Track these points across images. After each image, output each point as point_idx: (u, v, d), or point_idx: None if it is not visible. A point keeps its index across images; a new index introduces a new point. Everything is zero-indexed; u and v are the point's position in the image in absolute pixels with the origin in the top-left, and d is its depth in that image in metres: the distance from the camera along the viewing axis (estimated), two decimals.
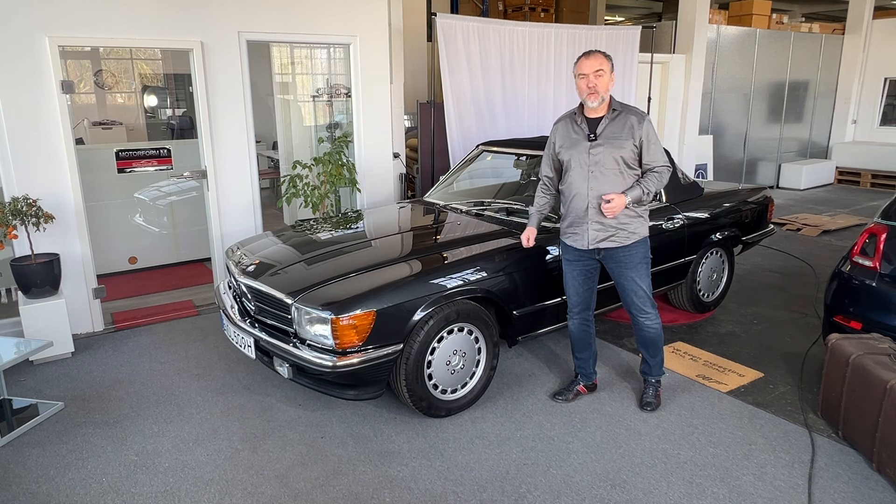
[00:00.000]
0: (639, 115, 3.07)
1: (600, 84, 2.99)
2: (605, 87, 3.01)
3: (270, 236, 3.97)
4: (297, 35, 4.91)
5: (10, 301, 4.64)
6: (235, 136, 4.75)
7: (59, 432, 3.20)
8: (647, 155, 3.06)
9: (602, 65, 2.99)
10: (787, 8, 13.36)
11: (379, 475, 2.83)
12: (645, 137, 3.04)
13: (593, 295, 3.37)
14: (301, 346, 3.00)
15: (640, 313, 3.26)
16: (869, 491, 2.71)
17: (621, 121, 3.06)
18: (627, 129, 3.03)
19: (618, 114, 3.07)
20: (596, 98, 3.02)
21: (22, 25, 3.87)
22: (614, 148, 3.03)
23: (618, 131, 3.04)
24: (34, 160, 4.04)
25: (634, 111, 3.09)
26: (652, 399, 3.37)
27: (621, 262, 3.17)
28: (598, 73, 2.98)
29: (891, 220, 3.47)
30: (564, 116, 3.25)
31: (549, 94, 6.61)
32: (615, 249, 3.15)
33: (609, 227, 3.11)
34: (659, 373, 3.42)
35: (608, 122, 3.06)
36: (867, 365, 2.90)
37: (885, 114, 10.82)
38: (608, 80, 3.01)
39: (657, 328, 3.28)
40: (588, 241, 3.15)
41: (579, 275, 3.29)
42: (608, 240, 3.13)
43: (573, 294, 3.34)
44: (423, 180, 6.12)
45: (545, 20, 9.81)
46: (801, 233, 7.28)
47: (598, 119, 3.09)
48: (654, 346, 3.33)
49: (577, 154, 3.11)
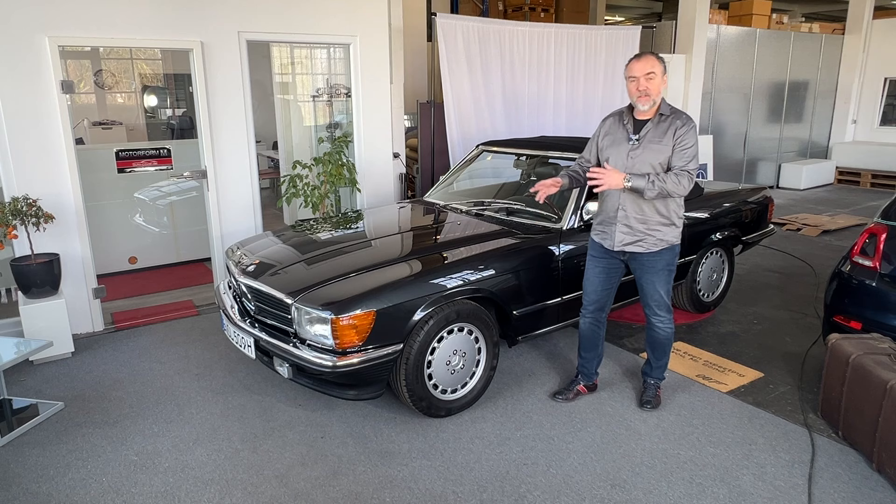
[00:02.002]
0: (684, 119, 2.99)
1: (652, 87, 2.93)
2: (657, 90, 2.95)
3: (270, 236, 3.97)
4: (297, 35, 4.91)
5: (10, 301, 4.64)
6: (235, 136, 4.75)
7: (59, 432, 3.20)
8: (674, 157, 2.97)
9: (654, 67, 2.92)
10: (787, 8, 13.36)
11: (379, 475, 2.83)
12: (679, 141, 2.95)
13: (611, 296, 3.36)
14: (301, 346, 3.00)
15: (654, 315, 3.26)
16: (869, 491, 2.71)
17: (666, 125, 2.98)
18: (670, 134, 2.96)
19: (664, 118, 3.00)
20: (647, 101, 2.95)
21: (22, 25, 3.87)
22: (653, 153, 2.98)
23: (660, 136, 2.98)
24: (34, 160, 4.04)
25: (681, 116, 3.00)
26: (651, 398, 3.37)
27: (645, 265, 3.15)
28: (649, 76, 2.91)
29: (891, 220, 3.47)
30: (616, 113, 3.19)
31: (549, 94, 6.61)
32: (641, 254, 3.13)
33: (637, 232, 3.08)
34: (660, 376, 3.42)
35: (653, 127, 3.00)
36: (867, 365, 2.90)
37: (885, 114, 10.81)
38: (660, 82, 2.95)
39: (668, 332, 3.27)
40: (614, 242, 3.14)
41: (601, 272, 3.27)
42: (635, 244, 3.10)
43: (591, 291, 3.33)
44: (423, 180, 6.12)
45: (545, 20, 9.81)
46: (801, 233, 7.28)
47: (645, 122, 3.03)
48: (662, 349, 3.32)
49: (617, 154, 3.07)
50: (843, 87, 10.90)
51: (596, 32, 6.84)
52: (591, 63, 6.88)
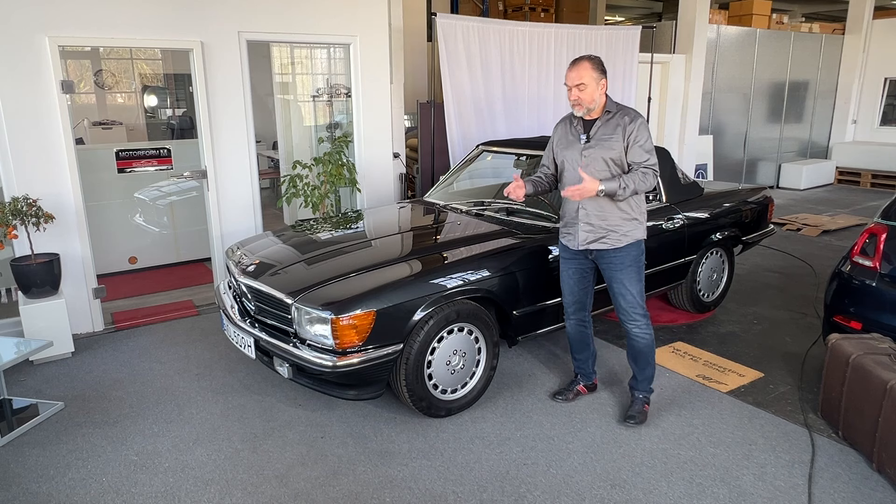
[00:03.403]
0: (631, 115, 3.03)
1: (584, 97, 2.98)
2: (590, 99, 2.99)
3: (270, 236, 3.97)
4: (297, 35, 4.91)
5: (10, 301, 4.64)
6: (235, 135, 4.75)
7: (59, 432, 3.20)
8: (631, 153, 3.01)
9: (583, 77, 2.95)
10: (787, 8, 13.36)
11: (379, 475, 2.83)
12: (632, 137, 2.99)
13: (588, 296, 3.34)
14: (301, 346, 3.00)
15: (629, 320, 3.16)
16: (869, 491, 2.71)
17: (614, 122, 3.03)
18: (619, 130, 3.01)
19: (611, 115, 3.05)
20: (580, 110, 3.03)
21: (22, 25, 3.87)
22: (604, 149, 3.02)
23: (610, 132, 3.02)
24: (34, 160, 4.04)
25: (628, 112, 3.05)
26: (636, 413, 3.24)
27: (612, 263, 3.13)
28: (580, 87, 2.96)
29: (891, 220, 3.47)
30: (565, 118, 3.26)
31: (549, 94, 6.61)
32: (606, 251, 3.13)
33: (599, 229, 3.09)
34: (647, 388, 3.30)
35: (602, 124, 3.05)
36: (867, 365, 2.90)
37: (885, 114, 10.82)
38: (593, 90, 2.97)
39: (647, 339, 3.17)
40: (578, 241, 3.15)
41: (574, 273, 3.28)
42: (599, 241, 3.10)
43: (567, 293, 3.33)
44: (423, 180, 6.12)
45: (545, 20, 9.81)
46: (801, 233, 7.28)
47: (593, 121, 3.08)
48: (644, 359, 3.22)
49: (571, 155, 3.12)
50: (843, 87, 10.90)
51: (596, 32, 6.84)
52: None
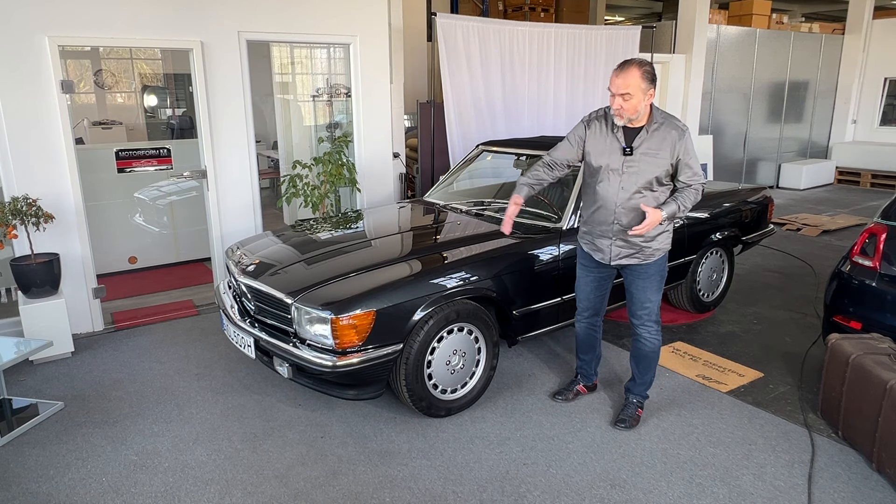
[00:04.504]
0: (679, 129, 2.86)
1: (627, 107, 2.78)
2: (634, 110, 2.79)
3: (270, 236, 3.97)
4: (297, 35, 4.91)
5: (10, 301, 4.64)
6: (235, 135, 4.75)
7: (59, 432, 3.20)
8: (685, 172, 2.89)
9: (630, 87, 2.73)
10: (787, 8, 13.36)
11: (379, 475, 2.83)
12: (683, 154, 2.86)
13: (604, 301, 3.30)
14: (301, 346, 3.00)
15: (642, 324, 3.12)
16: (869, 491, 2.71)
17: (661, 135, 2.85)
18: (667, 145, 2.84)
19: (658, 126, 2.86)
20: (621, 120, 2.85)
21: (22, 25, 3.87)
22: (650, 165, 2.85)
23: (656, 146, 2.85)
24: (34, 160, 4.04)
25: (675, 125, 2.87)
26: (628, 417, 3.20)
27: (638, 272, 3.06)
28: (624, 97, 2.76)
29: (891, 220, 3.47)
30: (601, 116, 2.99)
31: (549, 94, 6.61)
32: (636, 264, 3.05)
33: (633, 245, 2.99)
34: (643, 393, 3.28)
35: (647, 136, 2.86)
36: (867, 365, 2.90)
37: (885, 114, 10.81)
38: (639, 101, 2.77)
39: (655, 344, 3.14)
40: (611, 257, 3.05)
41: (593, 281, 3.22)
42: (631, 256, 3.02)
43: (584, 299, 3.28)
44: (423, 180, 6.12)
45: (545, 20, 9.81)
46: (801, 233, 7.28)
47: (636, 130, 2.88)
48: (647, 364, 3.19)
49: (611, 163, 2.92)
50: (843, 87, 10.90)
51: (596, 32, 6.84)
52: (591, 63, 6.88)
